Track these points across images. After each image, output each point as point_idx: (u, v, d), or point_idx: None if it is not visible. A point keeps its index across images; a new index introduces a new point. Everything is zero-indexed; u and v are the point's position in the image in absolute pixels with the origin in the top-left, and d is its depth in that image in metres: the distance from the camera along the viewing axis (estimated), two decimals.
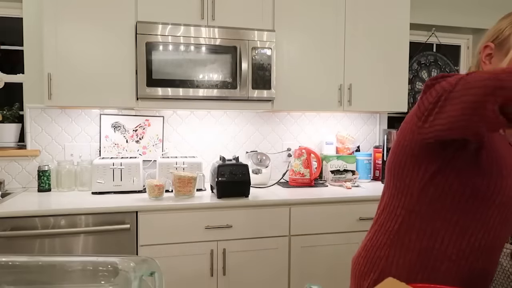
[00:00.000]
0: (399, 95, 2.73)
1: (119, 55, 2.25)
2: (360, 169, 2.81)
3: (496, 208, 0.90)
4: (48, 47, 2.17)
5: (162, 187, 2.18)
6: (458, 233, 0.91)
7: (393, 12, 2.69)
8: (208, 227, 2.11)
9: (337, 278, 2.33)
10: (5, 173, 2.47)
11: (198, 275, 2.12)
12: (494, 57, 1.01)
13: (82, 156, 2.53)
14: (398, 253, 0.96)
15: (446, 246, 0.91)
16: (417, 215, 0.93)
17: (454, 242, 0.91)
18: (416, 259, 0.93)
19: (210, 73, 2.30)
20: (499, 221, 0.92)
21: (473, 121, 0.72)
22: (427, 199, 0.91)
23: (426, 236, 0.92)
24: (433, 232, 0.92)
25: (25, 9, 2.46)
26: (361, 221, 2.35)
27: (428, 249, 0.92)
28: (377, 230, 1.02)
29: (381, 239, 1.00)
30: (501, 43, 0.99)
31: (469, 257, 0.92)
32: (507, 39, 0.97)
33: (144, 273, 0.99)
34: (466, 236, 0.91)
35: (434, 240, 0.92)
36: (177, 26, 2.26)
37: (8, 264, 1.01)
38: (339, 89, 2.61)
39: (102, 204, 2.05)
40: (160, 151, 2.63)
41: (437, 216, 0.91)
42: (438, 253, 0.92)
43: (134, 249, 2.05)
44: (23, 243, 1.91)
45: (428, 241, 0.92)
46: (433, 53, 3.36)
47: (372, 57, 2.66)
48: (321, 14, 2.55)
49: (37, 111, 2.50)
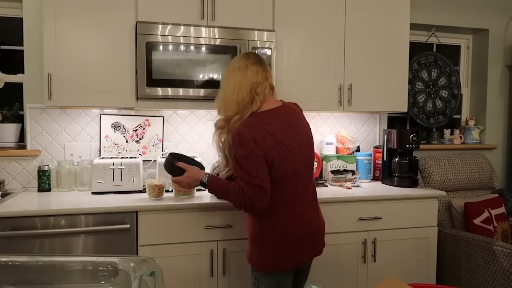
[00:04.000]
0: (399, 95, 2.73)
1: (119, 55, 2.25)
2: (360, 169, 2.81)
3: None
4: (48, 47, 2.17)
5: (162, 187, 2.17)
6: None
7: (393, 12, 2.69)
8: (208, 227, 2.11)
9: (337, 278, 2.33)
10: (5, 173, 2.47)
11: (198, 275, 2.11)
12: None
13: (82, 156, 2.53)
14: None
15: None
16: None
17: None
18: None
19: (210, 73, 2.30)
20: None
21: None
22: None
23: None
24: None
25: (25, 9, 2.46)
26: (361, 221, 2.34)
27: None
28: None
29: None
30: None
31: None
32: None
33: (144, 273, 0.99)
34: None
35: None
36: (177, 26, 2.25)
37: (8, 264, 1.01)
38: (339, 89, 2.61)
39: (102, 204, 2.05)
40: (160, 151, 2.63)
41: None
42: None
43: (134, 249, 2.05)
44: (23, 243, 1.91)
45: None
46: (433, 53, 3.36)
47: (372, 57, 2.66)
48: (321, 14, 2.55)
49: (37, 111, 2.50)
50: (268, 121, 1.66)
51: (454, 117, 3.48)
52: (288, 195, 1.68)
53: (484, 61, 3.43)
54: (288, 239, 1.69)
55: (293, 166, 1.67)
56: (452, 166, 3.03)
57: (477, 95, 3.51)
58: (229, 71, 1.77)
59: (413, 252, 2.46)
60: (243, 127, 1.64)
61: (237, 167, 1.65)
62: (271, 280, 1.71)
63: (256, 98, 1.69)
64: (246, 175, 1.61)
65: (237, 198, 1.65)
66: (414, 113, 3.28)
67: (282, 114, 1.72)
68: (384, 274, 2.38)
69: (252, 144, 1.60)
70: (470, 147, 3.36)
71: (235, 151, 1.63)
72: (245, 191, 1.62)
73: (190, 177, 1.84)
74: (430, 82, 3.33)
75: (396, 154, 2.70)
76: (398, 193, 2.45)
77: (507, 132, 3.50)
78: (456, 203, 2.85)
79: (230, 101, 1.71)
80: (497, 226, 2.75)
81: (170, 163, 1.88)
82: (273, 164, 1.63)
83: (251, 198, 1.61)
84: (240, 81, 1.70)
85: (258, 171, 1.60)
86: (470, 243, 2.53)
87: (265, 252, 1.71)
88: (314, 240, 1.78)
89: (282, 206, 1.68)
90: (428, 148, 3.25)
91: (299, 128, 1.75)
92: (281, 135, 1.65)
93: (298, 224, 1.70)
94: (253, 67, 1.72)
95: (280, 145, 1.64)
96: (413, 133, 2.64)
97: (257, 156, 1.60)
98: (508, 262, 2.32)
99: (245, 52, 2.07)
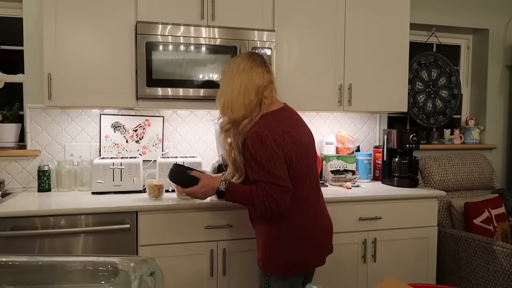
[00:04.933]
0: (399, 95, 2.73)
1: (119, 55, 2.25)
2: (360, 169, 2.81)
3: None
4: (48, 47, 2.17)
5: (162, 187, 2.17)
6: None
7: (393, 12, 2.69)
8: (208, 227, 2.11)
9: (337, 278, 2.33)
10: (5, 173, 2.47)
11: (198, 275, 2.11)
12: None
13: (82, 156, 2.53)
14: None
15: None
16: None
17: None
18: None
19: (210, 73, 2.30)
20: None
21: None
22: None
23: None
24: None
25: (25, 9, 2.46)
26: (361, 221, 2.34)
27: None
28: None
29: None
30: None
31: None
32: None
33: (144, 273, 0.99)
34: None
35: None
36: (177, 26, 2.25)
37: (8, 264, 1.01)
38: (339, 89, 2.61)
39: (102, 204, 2.05)
40: (160, 151, 2.63)
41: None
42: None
43: (134, 249, 2.05)
44: (23, 243, 1.91)
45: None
46: (433, 53, 3.36)
47: (372, 57, 2.66)
48: (321, 14, 2.55)
49: (37, 111, 2.50)
50: (281, 120, 1.66)
51: (454, 117, 3.48)
52: (304, 193, 1.68)
53: (484, 61, 3.43)
54: (308, 238, 1.68)
55: (307, 164, 1.68)
56: (452, 166, 3.03)
57: (477, 95, 3.51)
58: (233, 71, 1.70)
59: (413, 252, 2.46)
60: (259, 127, 1.61)
61: (258, 169, 1.59)
62: (283, 284, 1.68)
63: (264, 101, 1.68)
64: (269, 176, 1.57)
65: (263, 201, 1.57)
66: (414, 113, 3.28)
67: (289, 113, 1.74)
68: (384, 274, 2.38)
69: (273, 144, 1.58)
70: (470, 147, 3.36)
71: (255, 153, 1.58)
72: (270, 193, 1.57)
73: (205, 186, 1.73)
74: (430, 82, 3.33)
75: (396, 154, 2.70)
76: (398, 193, 2.45)
77: (507, 132, 3.50)
78: (456, 203, 2.85)
79: (236, 103, 1.66)
80: (497, 226, 2.75)
81: (182, 173, 1.77)
82: (291, 163, 1.62)
83: (276, 199, 1.57)
84: (246, 83, 1.67)
85: (281, 171, 1.58)
86: (470, 243, 2.53)
87: (281, 254, 1.67)
88: (329, 236, 1.81)
89: (299, 205, 1.67)
90: (428, 148, 3.25)
91: (304, 126, 1.78)
92: (295, 133, 1.66)
93: (315, 221, 1.71)
94: (259, 69, 1.70)
95: (296, 143, 1.64)
96: (413, 133, 2.64)
97: (279, 155, 1.58)
98: (508, 262, 2.32)
99: (248, 52, 2.03)
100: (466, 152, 3.23)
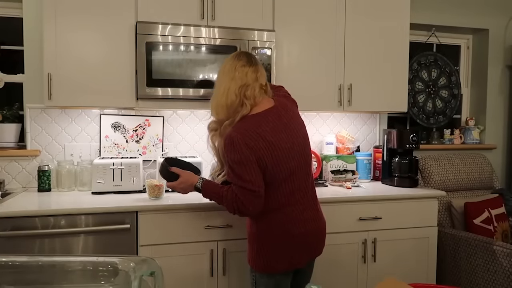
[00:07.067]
0: (399, 95, 2.73)
1: (119, 55, 2.25)
2: (360, 169, 2.81)
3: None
4: (48, 47, 2.17)
5: (162, 187, 2.17)
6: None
7: (393, 12, 2.69)
8: (208, 227, 2.11)
9: (337, 278, 2.33)
10: (5, 173, 2.47)
11: (198, 275, 2.11)
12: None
13: (82, 156, 2.53)
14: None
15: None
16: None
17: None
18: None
19: (210, 73, 2.30)
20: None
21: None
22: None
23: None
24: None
25: (25, 9, 2.46)
26: (361, 221, 2.35)
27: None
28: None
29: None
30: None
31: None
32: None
33: (144, 273, 0.99)
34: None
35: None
36: (177, 26, 2.25)
37: (8, 264, 1.01)
38: (339, 89, 2.61)
39: (102, 204, 2.05)
40: (160, 151, 2.63)
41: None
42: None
43: (134, 249, 2.05)
44: (23, 243, 1.91)
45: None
46: (433, 53, 3.36)
47: (372, 57, 2.66)
48: (321, 14, 2.55)
49: (37, 111, 2.50)
50: (259, 124, 1.64)
51: (454, 117, 3.48)
52: (284, 197, 1.67)
53: (484, 61, 3.43)
54: (284, 240, 1.68)
55: (287, 168, 1.66)
56: (452, 166, 3.03)
57: (477, 95, 3.52)
58: (220, 72, 1.76)
59: (413, 252, 2.46)
60: (234, 131, 1.62)
61: (230, 172, 1.64)
62: (269, 281, 1.71)
63: (246, 102, 1.66)
64: (239, 180, 1.61)
65: (231, 203, 1.64)
66: (414, 113, 3.28)
67: (274, 116, 1.68)
68: (384, 274, 2.38)
69: (244, 149, 1.58)
70: (470, 147, 3.36)
71: (228, 156, 1.62)
72: (238, 196, 1.61)
73: (184, 182, 1.82)
74: (430, 82, 3.33)
75: (396, 154, 2.70)
76: (398, 193, 2.45)
77: (507, 132, 3.50)
78: (456, 203, 2.85)
79: (220, 104, 1.69)
80: (497, 226, 2.75)
81: (164, 168, 1.86)
82: (266, 167, 1.61)
83: (244, 202, 1.61)
84: (229, 84, 1.68)
85: (251, 175, 1.59)
86: (470, 243, 2.53)
87: (262, 253, 1.70)
88: (312, 240, 1.75)
89: (278, 208, 1.67)
90: (428, 148, 3.26)
91: (293, 127, 1.71)
92: (273, 137, 1.63)
93: (295, 225, 1.69)
94: (242, 68, 1.69)
95: (273, 148, 1.62)
96: (413, 133, 2.64)
97: (250, 160, 1.59)
98: (508, 262, 2.32)
99: (237, 52, 1.91)
100: (466, 152, 3.23)
